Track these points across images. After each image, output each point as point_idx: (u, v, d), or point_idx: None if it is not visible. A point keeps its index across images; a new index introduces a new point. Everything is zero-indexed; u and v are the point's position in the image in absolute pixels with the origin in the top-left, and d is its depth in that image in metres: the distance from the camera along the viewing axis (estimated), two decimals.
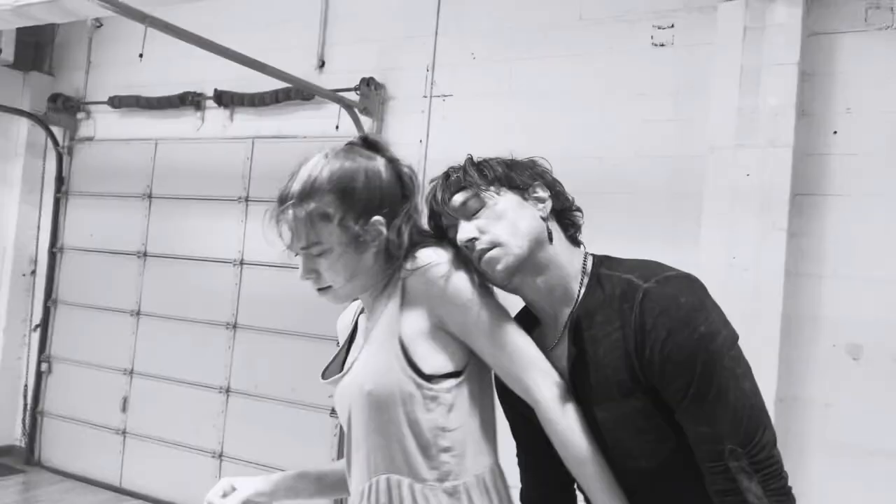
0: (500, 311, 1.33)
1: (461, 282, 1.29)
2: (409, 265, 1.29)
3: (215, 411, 4.40)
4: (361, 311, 1.47)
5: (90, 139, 5.13)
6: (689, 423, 1.20)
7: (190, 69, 4.61)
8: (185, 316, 4.57)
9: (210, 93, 4.52)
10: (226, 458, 4.35)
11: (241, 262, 4.39)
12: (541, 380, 1.28)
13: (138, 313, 4.77)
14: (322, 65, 4.20)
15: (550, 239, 1.33)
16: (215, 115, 4.59)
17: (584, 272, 1.34)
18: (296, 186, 1.31)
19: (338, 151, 1.35)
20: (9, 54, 4.59)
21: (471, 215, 1.31)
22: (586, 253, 1.39)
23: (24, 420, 5.19)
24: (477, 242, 1.29)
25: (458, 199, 1.33)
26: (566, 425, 1.27)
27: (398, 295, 1.31)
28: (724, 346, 1.19)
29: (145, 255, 4.78)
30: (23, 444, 5.17)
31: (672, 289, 1.22)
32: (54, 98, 5.09)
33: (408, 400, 1.27)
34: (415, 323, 1.29)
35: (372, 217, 1.29)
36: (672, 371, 1.18)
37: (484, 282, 1.33)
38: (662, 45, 3.30)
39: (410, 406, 1.28)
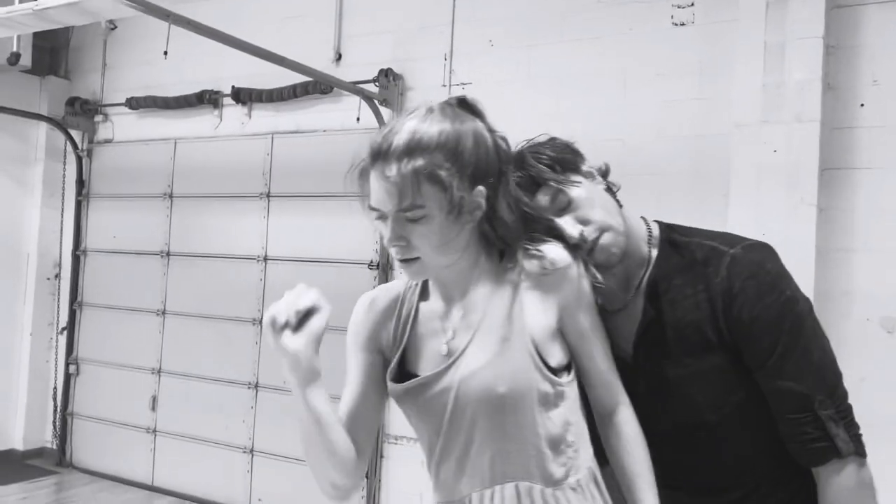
0: (599, 317, 1.33)
1: (587, 284, 1.28)
2: (539, 261, 1.23)
3: (245, 407, 4.43)
4: (417, 296, 1.34)
5: (109, 141, 5.16)
6: (775, 379, 1.28)
7: (206, 68, 4.62)
8: (211, 313, 4.59)
9: (227, 90, 4.53)
10: (257, 453, 4.38)
11: (265, 258, 4.41)
12: (622, 388, 1.32)
13: (164, 312, 4.80)
14: (339, 58, 4.20)
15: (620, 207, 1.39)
16: (233, 112, 4.61)
17: (650, 236, 1.39)
18: (399, 140, 1.16)
19: (442, 107, 1.21)
20: (26, 59, 4.61)
21: (562, 210, 1.32)
22: (646, 221, 1.43)
23: (54, 422, 5.25)
24: (586, 233, 1.30)
25: (544, 200, 1.32)
26: (639, 430, 1.31)
27: (520, 287, 1.24)
28: (806, 309, 1.29)
29: (168, 254, 4.81)
30: (54, 447, 5.23)
31: (757, 255, 1.31)
32: (72, 102, 5.12)
33: (542, 399, 1.22)
34: (543, 319, 1.24)
35: (476, 186, 1.19)
36: (760, 330, 1.26)
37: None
38: (683, 24, 3.28)
39: (544, 405, 1.22)
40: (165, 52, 2.77)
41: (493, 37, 3.73)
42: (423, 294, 1.35)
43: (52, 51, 5.23)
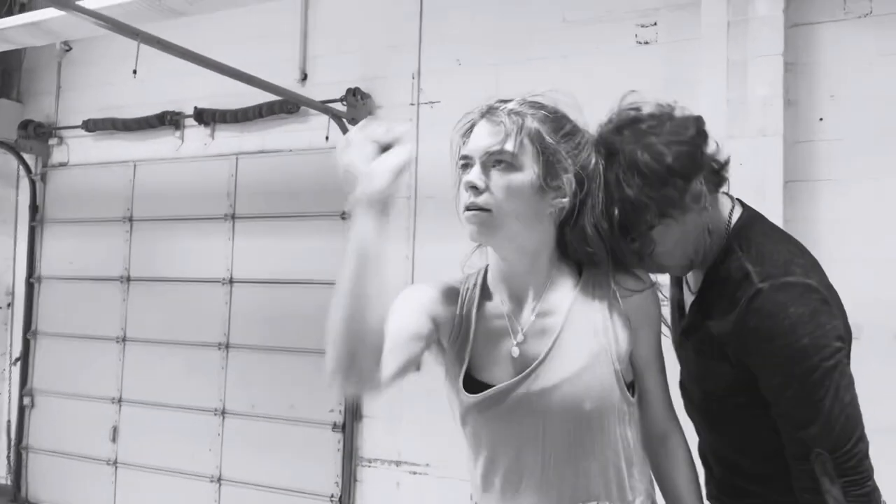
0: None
1: (660, 310, 1.31)
2: (629, 279, 1.27)
3: (211, 434, 4.32)
4: (479, 293, 1.28)
5: (64, 165, 5.03)
6: (782, 421, 1.27)
7: (167, 89, 4.55)
8: (174, 339, 4.48)
9: (189, 111, 4.47)
10: (225, 482, 4.27)
11: (231, 281, 4.33)
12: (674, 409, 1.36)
13: (124, 339, 4.66)
14: (304, 78, 4.19)
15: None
16: (195, 133, 4.54)
17: (728, 230, 1.38)
18: (517, 100, 1.25)
19: (574, 107, 1.32)
20: None
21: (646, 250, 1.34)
22: (731, 213, 1.42)
23: (8, 457, 5.03)
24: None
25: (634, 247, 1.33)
26: (691, 456, 1.33)
27: (611, 302, 1.24)
28: (827, 358, 1.22)
29: (128, 279, 4.68)
30: (8, 482, 5.00)
31: (785, 296, 1.23)
32: (25, 125, 4.97)
33: (621, 418, 1.22)
34: (622, 336, 1.23)
35: (569, 172, 1.20)
36: (770, 372, 1.26)
37: None
38: (647, 42, 3.37)
39: (622, 423, 1.22)
40: (135, 71, 2.70)
41: (461, 55, 3.77)
42: (484, 293, 1.29)
43: (3, 73, 5.08)
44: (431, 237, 3.77)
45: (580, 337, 1.20)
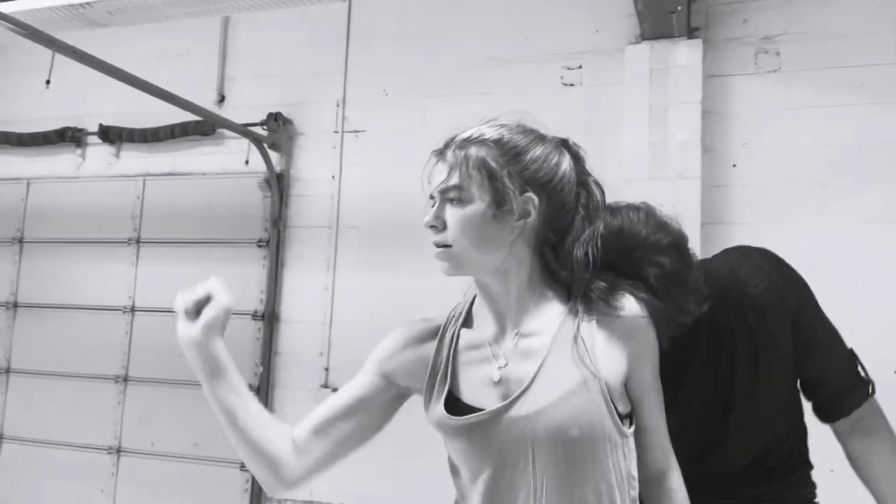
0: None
1: (656, 341, 1.24)
2: (610, 303, 1.20)
3: (104, 474, 4.00)
4: (461, 323, 1.29)
5: None
6: (828, 354, 1.53)
7: (69, 103, 4.28)
8: (66, 371, 4.15)
9: (92, 128, 4.22)
10: None
11: (133, 309, 4.07)
12: (673, 453, 1.28)
13: (8, 371, 4.28)
14: (222, 99, 4.04)
15: None
16: (98, 151, 4.28)
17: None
18: (465, 134, 1.25)
19: (530, 127, 1.27)
20: None
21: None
22: None
23: None
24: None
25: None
26: (687, 497, 1.27)
27: (591, 327, 1.20)
28: None
29: (15, 305, 4.32)
30: None
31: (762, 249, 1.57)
32: None
33: (613, 447, 1.16)
34: (615, 364, 1.19)
35: (528, 192, 1.18)
36: (812, 309, 1.50)
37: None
38: (572, 84, 3.46)
39: (616, 456, 1.17)
40: (48, 82, 2.51)
41: (388, 86, 3.74)
42: (468, 322, 1.30)
43: None
44: (353, 268, 3.69)
45: (566, 362, 1.17)
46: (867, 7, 3.06)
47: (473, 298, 1.33)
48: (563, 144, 1.28)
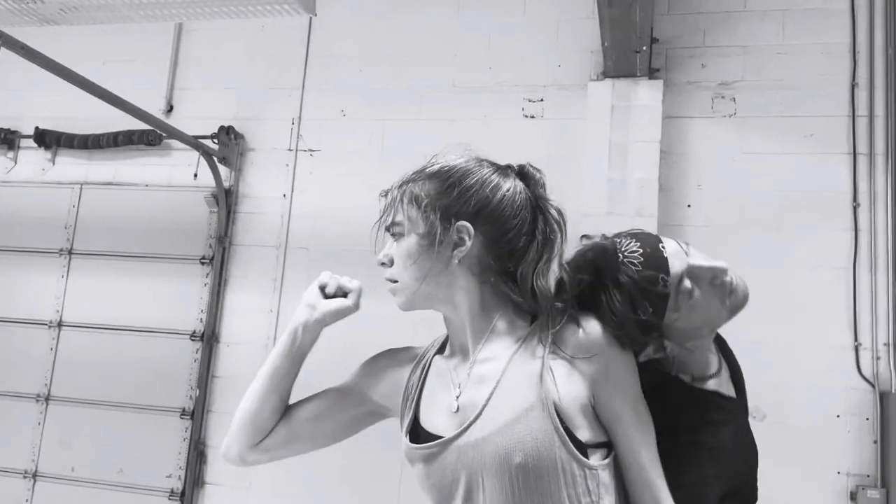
0: (646, 405, 1.20)
1: (628, 364, 1.18)
2: (570, 330, 1.16)
3: (17, 500, 3.71)
4: (436, 350, 1.31)
5: None
6: None
7: (3, 104, 4.05)
8: None
9: (27, 131, 3.99)
10: None
11: (60, 324, 3.83)
12: (667, 491, 1.16)
13: None
14: (170, 109, 3.89)
15: None
16: (32, 156, 4.05)
17: None
18: (410, 172, 1.29)
19: (475, 157, 1.26)
20: None
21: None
22: None
23: None
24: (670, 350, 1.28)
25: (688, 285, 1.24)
26: None
27: (546, 355, 1.15)
28: None
29: None
30: None
31: None
32: None
33: (570, 478, 1.09)
34: (570, 388, 1.13)
35: (461, 221, 1.17)
36: None
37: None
38: (533, 117, 3.46)
39: (572, 485, 1.09)
40: None
41: (346, 106, 3.67)
42: (443, 349, 1.31)
43: None
44: (301, 289, 3.51)
45: (519, 387, 1.14)
46: (820, 61, 3.17)
47: None
48: (519, 171, 1.27)
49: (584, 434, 1.13)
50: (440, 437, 1.18)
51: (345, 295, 1.33)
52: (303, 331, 1.30)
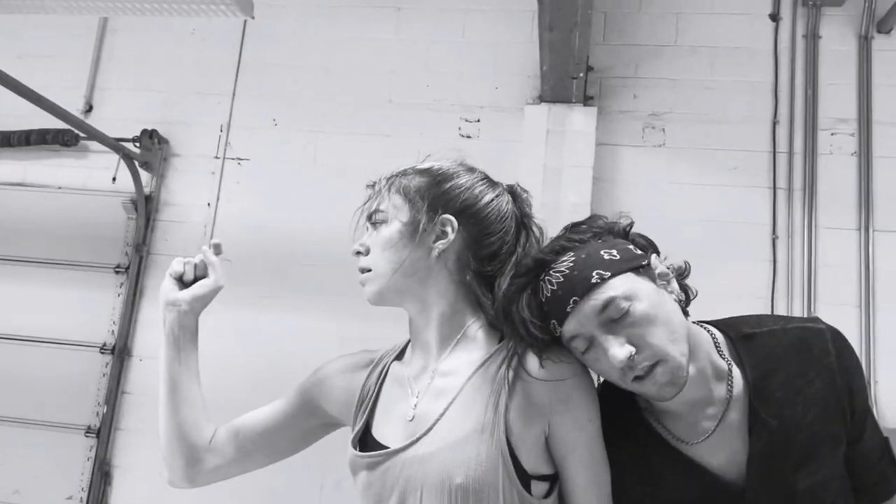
0: (603, 446, 1.15)
1: (591, 398, 1.12)
2: (534, 358, 1.10)
3: None
4: (394, 357, 1.26)
5: None
6: (866, 440, 1.19)
7: None
8: None
9: None
10: None
11: None
12: None
13: None
14: (89, 109, 3.69)
15: (687, 315, 1.17)
16: None
17: (716, 342, 1.20)
18: (399, 167, 1.28)
19: (468, 164, 1.26)
20: None
21: (613, 321, 1.07)
22: (698, 323, 1.24)
23: None
24: (637, 360, 1.06)
25: (594, 306, 1.06)
26: None
27: (509, 377, 1.09)
28: None
29: None
30: None
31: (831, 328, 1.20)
32: None
33: None
34: (526, 415, 1.08)
35: (447, 214, 1.16)
36: (863, 400, 1.17)
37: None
38: (469, 137, 3.46)
39: None
40: None
41: (278, 116, 3.57)
42: (402, 355, 1.26)
43: None
44: (222, 303, 3.39)
45: (475, 405, 1.10)
46: (745, 99, 3.30)
47: None
48: (509, 188, 1.28)
49: (531, 464, 1.09)
50: (387, 448, 1.14)
51: (204, 275, 1.28)
52: (179, 330, 1.25)
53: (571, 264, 1.09)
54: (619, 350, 1.05)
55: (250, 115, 3.60)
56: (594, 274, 1.07)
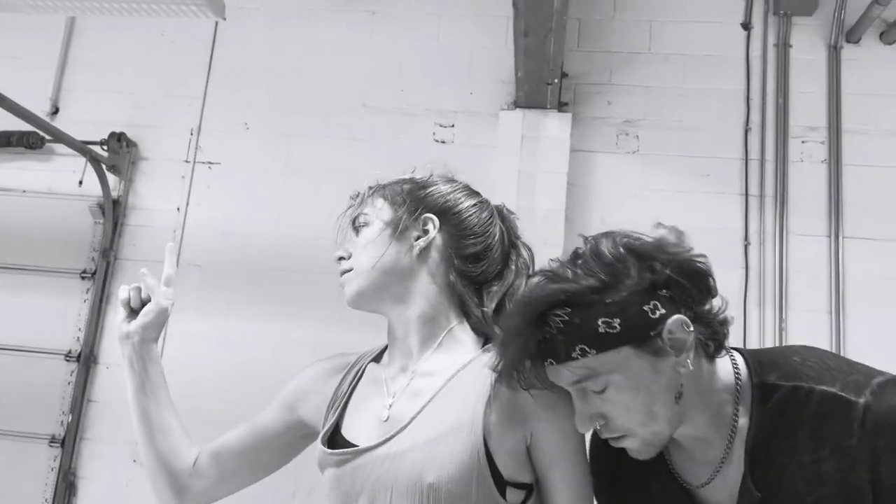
0: (587, 458, 1.11)
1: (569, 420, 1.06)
2: None
3: None
4: (371, 360, 1.25)
5: None
6: None
7: None
8: None
9: None
10: None
11: None
12: None
13: None
14: (56, 111, 3.61)
15: (678, 398, 1.02)
16: None
17: (738, 385, 1.07)
18: (384, 179, 1.28)
19: (446, 175, 1.28)
20: None
21: (585, 392, 1.01)
22: (731, 358, 1.10)
23: None
24: (602, 429, 1.02)
25: (568, 377, 0.99)
26: None
27: (492, 378, 1.06)
28: None
29: None
30: None
31: (891, 397, 0.97)
32: None
33: None
34: (508, 420, 1.05)
35: (427, 212, 1.17)
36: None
37: None
38: (444, 142, 3.44)
39: None
40: None
41: (250, 119, 3.52)
42: (380, 357, 1.25)
43: None
44: (192, 309, 3.35)
45: (453, 406, 1.07)
46: (717, 106, 3.33)
47: None
48: (496, 207, 1.33)
49: (508, 470, 1.05)
50: (356, 446, 1.12)
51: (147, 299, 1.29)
52: (139, 363, 1.26)
53: (560, 325, 0.98)
54: (584, 422, 1.03)
55: (221, 119, 3.54)
56: (577, 348, 0.98)
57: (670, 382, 1.01)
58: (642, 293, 1.00)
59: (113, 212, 3.44)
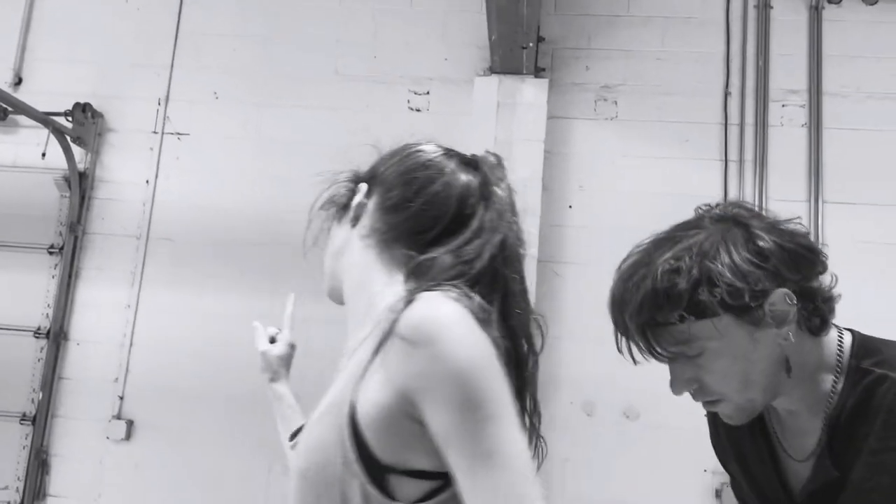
0: (510, 443, 0.80)
1: (459, 358, 0.80)
2: (401, 317, 0.84)
3: None
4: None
5: None
6: None
7: None
8: None
9: None
10: None
11: None
12: None
13: None
14: (19, 82, 3.50)
15: (789, 371, 1.03)
16: None
17: (838, 366, 1.06)
18: None
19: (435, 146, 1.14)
20: None
21: (680, 356, 1.03)
22: (839, 337, 1.09)
23: None
24: (696, 393, 1.04)
25: (666, 338, 1.01)
26: None
27: (375, 344, 0.87)
28: None
29: None
30: None
31: None
32: None
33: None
34: (377, 389, 0.83)
35: (361, 183, 1.08)
36: None
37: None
38: (419, 110, 3.36)
39: None
40: None
41: (219, 88, 3.43)
42: None
43: None
44: (163, 284, 3.29)
45: (338, 384, 0.90)
46: (697, 70, 3.26)
47: None
48: (470, 163, 1.12)
49: (388, 453, 0.82)
50: None
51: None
52: (273, 398, 1.53)
53: (668, 274, 0.99)
54: (679, 385, 1.04)
55: (189, 88, 3.45)
56: (677, 314, 0.98)
57: (770, 353, 1.01)
58: (757, 262, 0.99)
59: (80, 185, 3.35)
